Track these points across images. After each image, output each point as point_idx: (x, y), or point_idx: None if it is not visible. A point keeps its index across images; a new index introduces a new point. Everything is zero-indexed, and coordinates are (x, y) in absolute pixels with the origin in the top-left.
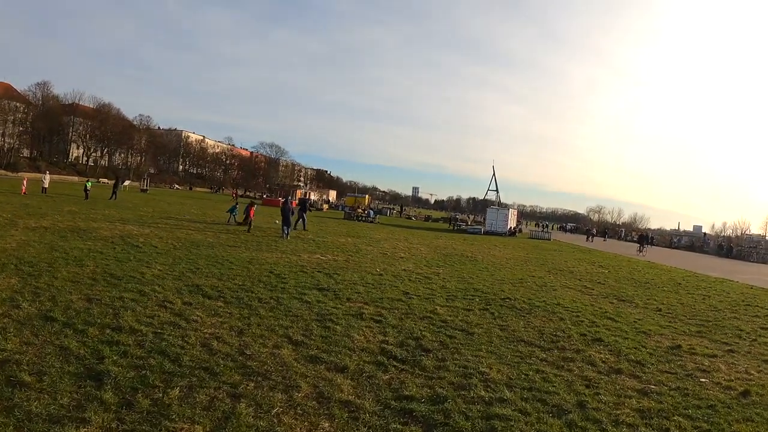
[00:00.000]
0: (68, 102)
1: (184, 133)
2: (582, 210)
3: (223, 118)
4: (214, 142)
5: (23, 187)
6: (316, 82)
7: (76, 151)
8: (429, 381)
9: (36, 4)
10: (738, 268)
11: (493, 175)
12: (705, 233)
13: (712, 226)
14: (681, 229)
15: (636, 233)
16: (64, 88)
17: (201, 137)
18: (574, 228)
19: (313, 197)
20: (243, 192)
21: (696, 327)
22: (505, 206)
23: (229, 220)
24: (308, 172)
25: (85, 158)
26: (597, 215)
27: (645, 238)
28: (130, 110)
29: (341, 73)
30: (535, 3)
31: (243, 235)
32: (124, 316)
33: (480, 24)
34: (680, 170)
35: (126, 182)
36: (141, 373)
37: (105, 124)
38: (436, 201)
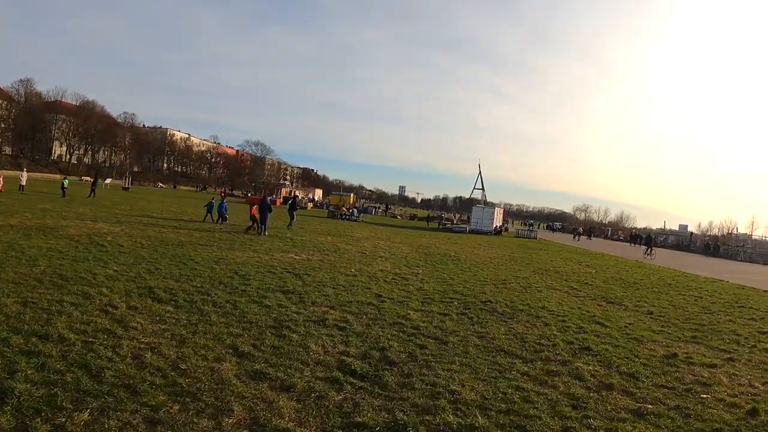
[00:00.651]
0: (51, 99)
1: (169, 131)
2: (569, 209)
3: (209, 116)
4: (200, 140)
5: None
6: (305, 80)
7: (60, 149)
8: (389, 403)
9: (20, 1)
10: (726, 268)
11: (479, 173)
12: (691, 232)
13: (698, 225)
14: (667, 228)
15: (623, 232)
16: (47, 85)
17: (186, 135)
18: (561, 227)
19: (300, 196)
20: (230, 190)
21: (690, 332)
22: (490, 205)
23: (206, 218)
24: (294, 171)
25: (68, 156)
26: (584, 214)
27: (650, 239)
28: (115, 108)
29: (330, 71)
30: (525, 2)
31: (217, 234)
32: (56, 323)
33: (470, 23)
34: (666, 169)
35: (108, 180)
36: (52, 391)
37: (88, 122)
38: (422, 200)
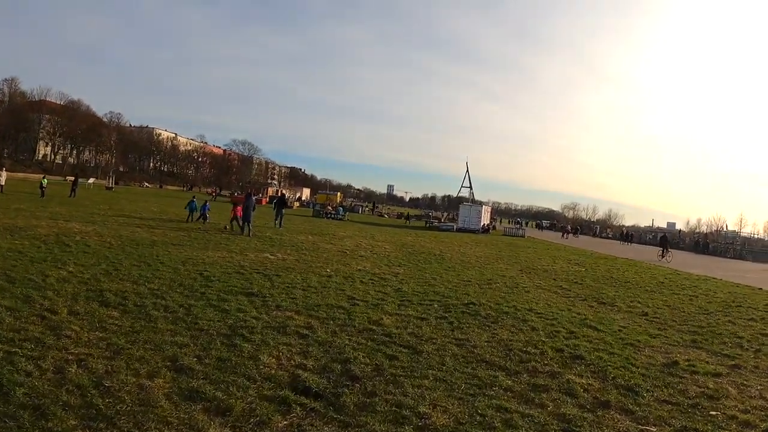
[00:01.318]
0: (35, 98)
1: (155, 131)
2: (557, 207)
3: (196, 115)
4: (187, 139)
5: None
6: (292, 80)
7: (45, 149)
8: (342, 430)
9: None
10: (717, 265)
11: (467, 171)
12: (680, 230)
13: (686, 223)
14: (655, 226)
15: (612, 230)
16: (30, 84)
17: (173, 135)
18: (550, 225)
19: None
20: (219, 190)
21: (689, 335)
22: (478, 203)
23: (189, 219)
24: (282, 170)
25: (52, 156)
26: (572, 212)
27: (665, 239)
28: (101, 107)
29: (317, 71)
30: (510, 2)
31: (194, 233)
32: None
33: (457, 23)
34: (654, 168)
35: (91, 180)
36: None
37: (73, 121)
38: (411, 199)
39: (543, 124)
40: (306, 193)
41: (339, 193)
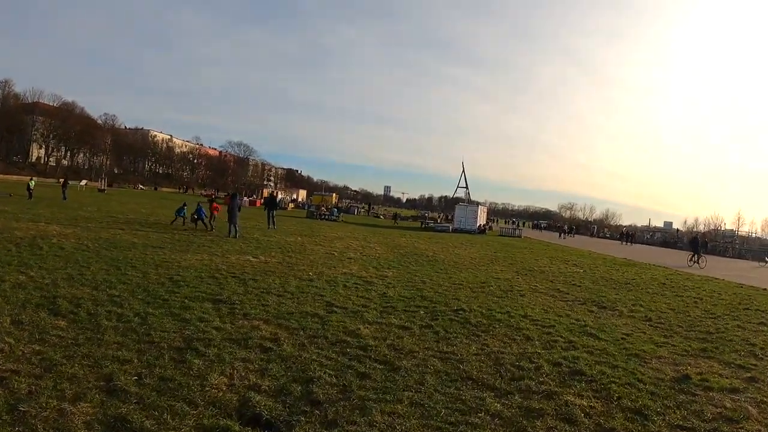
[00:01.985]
0: (29, 101)
1: (150, 133)
2: (554, 208)
3: (191, 117)
4: (182, 141)
5: None
6: (289, 81)
7: (38, 151)
8: None
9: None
10: (718, 265)
11: (463, 171)
12: (677, 229)
13: (684, 222)
14: (652, 225)
15: (609, 229)
16: (23, 85)
17: (168, 136)
18: (547, 225)
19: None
20: (217, 191)
21: (698, 342)
22: (474, 203)
23: (175, 222)
24: (278, 172)
25: (46, 158)
26: (569, 212)
27: (697, 242)
28: (96, 109)
29: (314, 72)
30: (505, 2)
31: (177, 235)
32: None
33: (453, 23)
34: (651, 167)
35: (83, 182)
36: None
37: (67, 123)
38: (408, 200)
39: (540, 124)
40: (302, 194)
41: (334, 194)
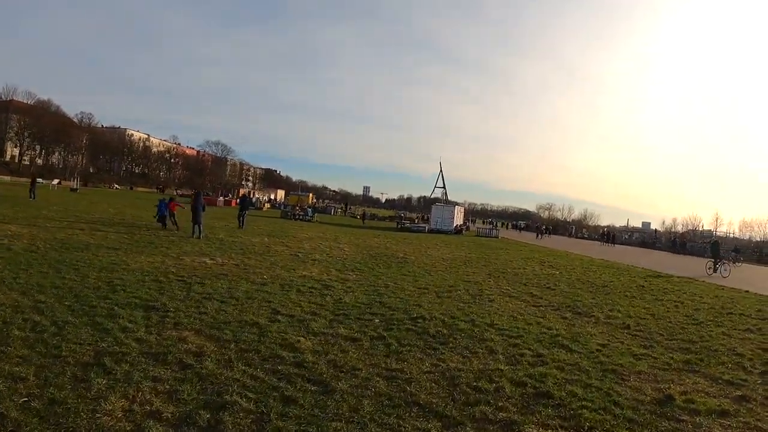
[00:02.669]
0: (2, 98)
1: (127, 132)
2: (533, 208)
3: (170, 116)
4: (159, 140)
5: None
6: (270, 81)
7: (13, 150)
8: None
9: None
10: (697, 266)
11: (440, 172)
12: (656, 229)
13: (662, 223)
14: (630, 225)
15: (587, 230)
16: None
17: (146, 136)
18: (526, 226)
19: (257, 196)
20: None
21: (681, 353)
22: (452, 204)
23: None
24: (257, 172)
25: (20, 157)
26: (547, 212)
27: (717, 246)
28: (72, 108)
29: (295, 72)
30: (490, 5)
31: (138, 236)
32: None
33: (436, 25)
34: (628, 168)
35: (55, 181)
36: None
37: (42, 121)
38: (387, 200)
39: (520, 125)
40: (280, 194)
41: (311, 194)
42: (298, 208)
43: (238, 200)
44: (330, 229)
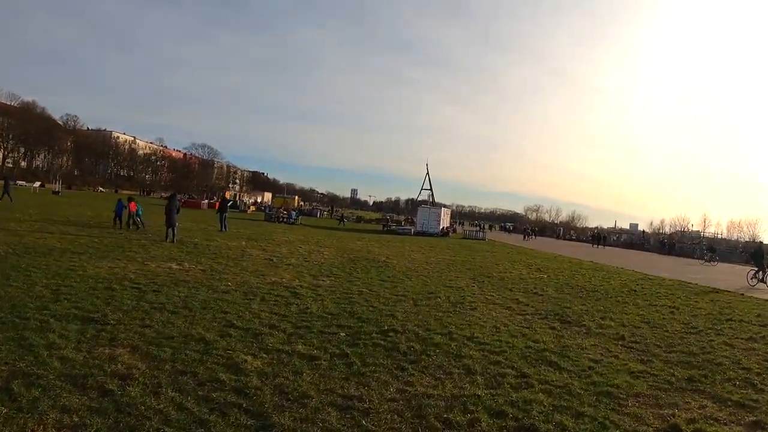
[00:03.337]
0: None
1: (113, 134)
2: (521, 210)
3: (157, 118)
4: (145, 143)
5: None
6: (256, 83)
7: None
8: None
9: None
10: (686, 268)
11: (427, 174)
12: (644, 231)
13: (650, 224)
14: (618, 227)
15: (575, 231)
16: None
17: (132, 138)
18: (514, 227)
19: (245, 199)
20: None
21: (683, 369)
22: (438, 206)
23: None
24: (244, 175)
25: (3, 160)
26: (535, 214)
27: (762, 254)
28: (58, 110)
29: (283, 75)
30: (475, 6)
31: (109, 239)
32: None
33: (421, 26)
34: (616, 169)
35: (36, 184)
36: None
37: (26, 123)
38: (375, 202)
39: (507, 127)
40: (267, 197)
41: (296, 197)
42: (282, 211)
43: (220, 202)
44: (313, 232)
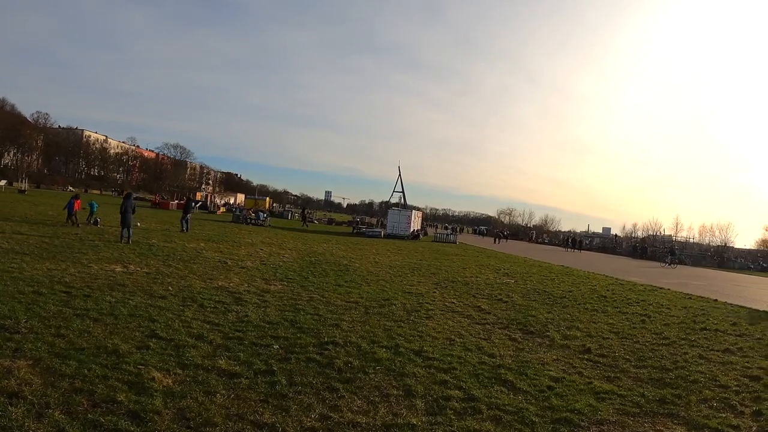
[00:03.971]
0: None
1: (85, 133)
2: (495, 213)
3: (130, 117)
4: (117, 142)
5: None
6: (233, 84)
7: None
8: None
9: None
10: (658, 272)
11: (399, 176)
12: (616, 234)
13: (622, 228)
14: (591, 231)
15: (548, 235)
16: None
17: (104, 137)
18: (487, 231)
19: (216, 200)
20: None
21: (653, 388)
22: (410, 208)
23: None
24: (217, 175)
25: None
26: (508, 217)
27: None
28: (29, 107)
29: (258, 75)
30: (453, 11)
31: (61, 240)
32: None
33: (397, 30)
34: (589, 174)
35: (2, 182)
36: None
37: None
38: (348, 205)
39: (482, 131)
40: (240, 198)
41: (268, 198)
42: (250, 212)
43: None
44: (280, 234)
